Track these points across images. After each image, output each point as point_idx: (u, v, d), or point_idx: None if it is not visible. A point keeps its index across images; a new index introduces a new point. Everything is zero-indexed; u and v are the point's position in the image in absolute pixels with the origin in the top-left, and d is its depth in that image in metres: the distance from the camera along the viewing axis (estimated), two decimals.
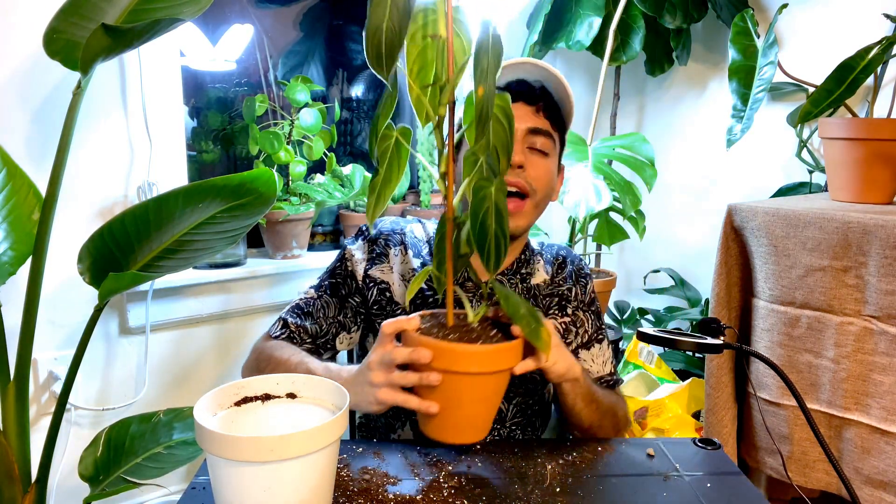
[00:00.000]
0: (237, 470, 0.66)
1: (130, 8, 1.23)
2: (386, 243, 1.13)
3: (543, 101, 1.08)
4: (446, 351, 0.77)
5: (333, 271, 1.14)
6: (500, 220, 0.76)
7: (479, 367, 0.78)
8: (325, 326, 1.10)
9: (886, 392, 1.26)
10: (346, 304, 1.11)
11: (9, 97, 1.43)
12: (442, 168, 0.78)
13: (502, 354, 0.79)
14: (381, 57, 0.69)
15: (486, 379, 0.79)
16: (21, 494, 1.21)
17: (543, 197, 1.07)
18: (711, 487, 0.85)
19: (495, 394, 0.83)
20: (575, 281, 1.17)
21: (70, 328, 1.58)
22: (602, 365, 1.16)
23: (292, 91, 1.83)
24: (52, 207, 1.19)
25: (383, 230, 1.14)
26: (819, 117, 1.46)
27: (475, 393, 0.80)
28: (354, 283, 1.12)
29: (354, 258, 1.12)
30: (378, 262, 1.11)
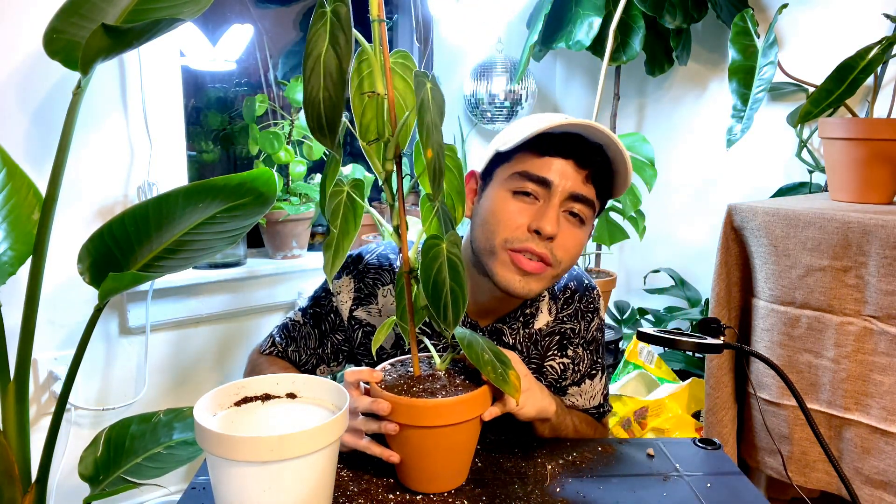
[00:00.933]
0: (237, 470, 0.66)
1: (130, 8, 1.23)
2: (374, 282, 1.03)
3: (596, 167, 0.92)
4: (408, 406, 0.77)
5: (318, 300, 1.07)
6: (454, 275, 0.75)
7: (443, 420, 0.77)
8: (304, 357, 1.08)
9: (886, 392, 1.26)
10: (327, 339, 1.06)
11: (9, 97, 1.43)
12: (395, 222, 0.78)
13: (466, 405, 0.78)
14: (323, 128, 0.68)
15: (452, 430, 0.79)
16: (21, 494, 1.21)
17: (566, 269, 0.95)
18: (711, 487, 0.85)
19: (466, 442, 0.83)
20: (580, 318, 1.08)
21: (70, 328, 1.58)
22: (589, 399, 1.10)
23: (292, 91, 1.83)
24: (52, 207, 1.19)
25: (371, 265, 1.04)
26: (819, 117, 1.46)
27: (444, 444, 0.80)
28: (338, 320, 1.05)
29: (340, 296, 1.04)
30: (365, 302, 1.03)
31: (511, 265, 0.91)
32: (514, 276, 0.91)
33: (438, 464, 0.81)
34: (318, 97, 0.67)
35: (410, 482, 0.83)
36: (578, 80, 2.55)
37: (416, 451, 0.80)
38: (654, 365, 1.91)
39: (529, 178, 0.91)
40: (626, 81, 2.36)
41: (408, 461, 0.81)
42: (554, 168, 0.90)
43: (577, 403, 1.10)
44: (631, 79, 2.36)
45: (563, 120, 0.89)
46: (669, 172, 2.28)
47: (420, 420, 0.77)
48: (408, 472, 0.82)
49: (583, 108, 2.54)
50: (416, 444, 0.79)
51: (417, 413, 0.77)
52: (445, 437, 0.79)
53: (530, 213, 0.91)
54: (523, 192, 0.91)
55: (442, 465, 0.82)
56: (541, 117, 0.93)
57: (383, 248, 1.06)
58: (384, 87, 0.73)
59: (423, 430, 0.78)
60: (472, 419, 0.80)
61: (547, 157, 0.90)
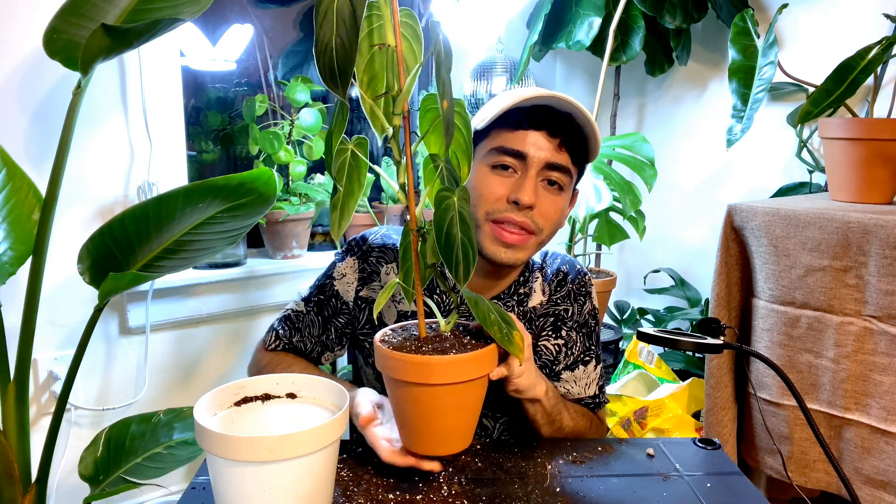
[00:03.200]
0: (237, 470, 0.66)
1: (130, 8, 1.23)
2: (377, 261, 1.07)
3: (567, 135, 0.97)
4: (420, 364, 0.76)
5: (321, 286, 1.10)
6: (465, 229, 0.75)
7: (454, 377, 0.77)
8: (310, 345, 1.09)
9: (886, 392, 1.26)
10: (330, 324, 1.08)
11: (9, 97, 1.43)
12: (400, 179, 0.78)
13: (476, 362, 0.78)
14: (335, 75, 0.67)
15: (463, 388, 0.78)
16: (21, 494, 1.21)
17: (550, 234, 1.01)
18: (711, 487, 0.85)
19: (475, 401, 0.82)
20: (573, 300, 1.11)
21: (70, 328, 1.58)
22: (585, 387, 1.10)
23: (292, 91, 1.83)
24: (52, 207, 1.19)
25: (374, 244, 1.08)
26: (819, 117, 1.46)
27: (454, 403, 0.79)
28: (341, 304, 1.08)
29: (345, 279, 1.08)
30: (369, 281, 1.07)
31: (495, 238, 0.96)
32: (499, 248, 0.97)
33: (448, 424, 0.80)
34: (331, 44, 0.66)
35: (420, 445, 0.81)
36: (578, 80, 2.55)
37: (426, 412, 0.79)
38: (654, 365, 1.91)
39: (505, 152, 0.95)
40: (626, 81, 2.36)
41: (417, 423, 0.80)
42: (528, 140, 0.95)
43: (571, 391, 1.10)
44: (631, 79, 2.36)
45: (532, 93, 0.94)
46: (669, 172, 2.28)
47: (432, 377, 0.76)
48: (416, 434, 0.81)
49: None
50: (427, 404, 0.78)
51: (430, 370, 0.76)
52: (456, 395, 0.78)
53: (509, 185, 0.96)
54: (501, 165, 0.96)
55: (451, 426, 0.81)
56: (510, 93, 0.97)
57: (385, 230, 1.11)
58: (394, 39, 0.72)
59: (435, 389, 0.77)
60: (481, 377, 0.80)
61: (520, 130, 0.95)
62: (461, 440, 0.83)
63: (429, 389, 0.77)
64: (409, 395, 0.78)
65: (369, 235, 1.09)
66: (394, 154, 0.77)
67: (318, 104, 1.90)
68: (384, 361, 0.79)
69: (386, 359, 0.78)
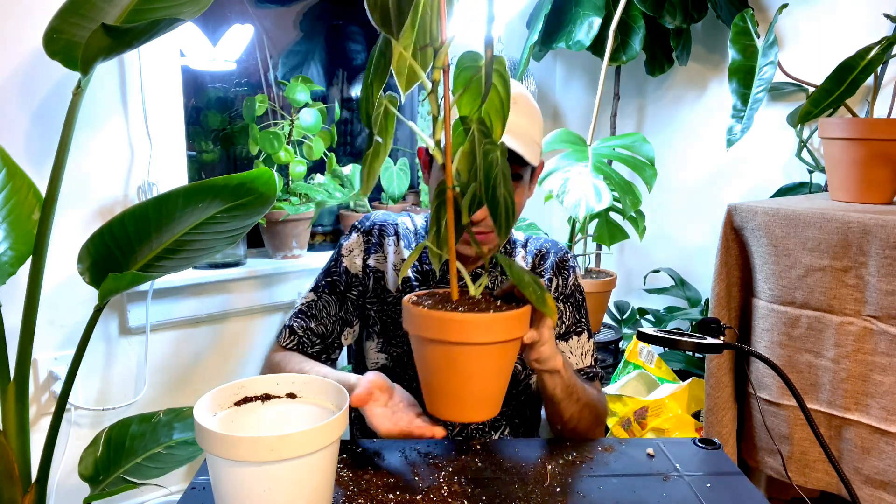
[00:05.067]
0: (237, 470, 0.66)
1: (130, 8, 1.23)
2: (381, 233, 1.16)
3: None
4: (457, 322, 0.74)
5: (329, 270, 1.16)
6: (507, 183, 0.75)
7: (490, 337, 0.75)
8: (329, 325, 1.12)
9: (886, 392, 1.26)
10: (346, 299, 1.14)
11: (9, 97, 1.43)
12: (437, 135, 0.75)
13: (512, 322, 0.77)
14: (388, 14, 0.64)
15: (497, 349, 0.77)
16: (21, 494, 1.21)
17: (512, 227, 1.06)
18: (711, 487, 0.85)
19: (507, 365, 0.81)
20: (556, 272, 1.16)
21: (70, 328, 1.58)
22: (581, 357, 1.16)
23: (292, 91, 1.83)
24: (52, 207, 1.19)
25: (377, 221, 1.17)
26: (819, 117, 1.46)
27: (487, 365, 0.78)
28: (352, 278, 1.14)
29: (352, 253, 1.14)
30: (374, 251, 1.14)
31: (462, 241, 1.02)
32: (467, 247, 1.05)
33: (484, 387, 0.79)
34: None
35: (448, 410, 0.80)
36: (578, 80, 2.55)
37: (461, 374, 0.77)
38: (654, 365, 1.91)
39: None
40: (626, 81, 2.36)
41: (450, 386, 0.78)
42: None
43: (569, 360, 1.13)
44: (631, 79, 2.36)
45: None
46: (669, 172, 2.28)
47: (470, 336, 0.74)
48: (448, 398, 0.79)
49: (583, 108, 2.54)
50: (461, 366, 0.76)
51: (468, 328, 0.74)
52: (495, 355, 0.77)
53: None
54: None
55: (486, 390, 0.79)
56: None
57: (383, 212, 1.21)
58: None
59: (471, 349, 0.75)
60: (516, 338, 0.79)
61: None
62: (493, 407, 0.81)
63: (463, 349, 0.75)
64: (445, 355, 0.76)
65: (371, 215, 1.20)
66: (431, 109, 0.75)
67: (318, 104, 1.90)
68: (419, 321, 0.76)
69: (422, 318, 0.76)
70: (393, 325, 1.13)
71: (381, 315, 1.13)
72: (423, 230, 1.16)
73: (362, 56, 2.40)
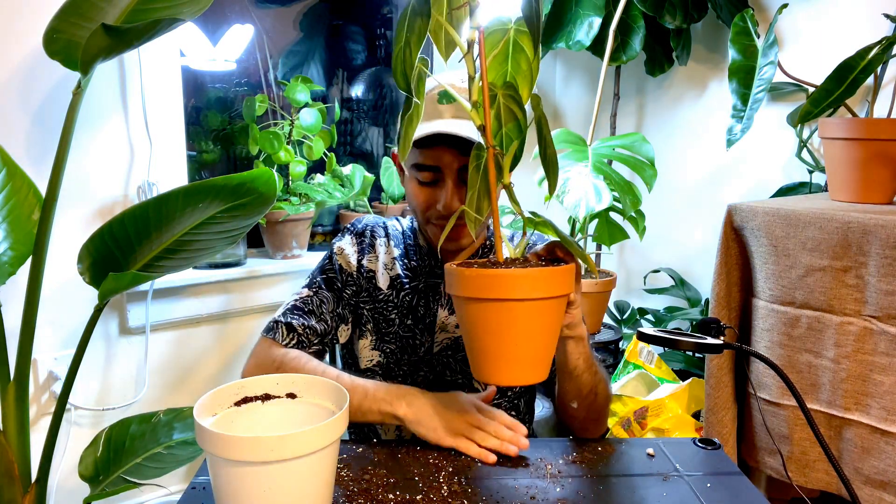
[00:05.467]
0: (237, 470, 0.66)
1: (130, 8, 1.23)
2: (373, 234, 1.18)
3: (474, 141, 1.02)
4: (507, 277, 0.74)
5: (323, 268, 1.16)
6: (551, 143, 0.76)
7: (541, 292, 0.75)
8: (328, 322, 1.12)
9: (886, 392, 1.26)
10: (342, 296, 1.14)
11: (9, 97, 1.43)
12: (474, 97, 0.75)
13: (561, 276, 0.77)
14: None
15: (547, 305, 0.76)
16: (21, 494, 1.21)
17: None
18: (711, 487, 0.85)
19: (556, 324, 0.80)
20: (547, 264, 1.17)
21: (70, 328, 1.58)
22: None
23: (292, 91, 1.83)
24: (52, 207, 1.19)
25: (368, 223, 1.20)
26: (819, 117, 1.46)
27: (537, 322, 0.77)
28: (347, 277, 1.15)
29: (345, 252, 1.16)
30: (367, 251, 1.16)
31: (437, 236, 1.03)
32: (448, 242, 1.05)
33: (530, 349, 0.78)
34: None
35: (496, 374, 0.79)
36: (578, 80, 2.55)
37: (510, 334, 0.76)
38: (654, 365, 1.91)
39: (424, 169, 1.03)
40: (626, 81, 2.35)
41: (497, 347, 0.77)
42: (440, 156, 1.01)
43: None
44: (631, 79, 2.36)
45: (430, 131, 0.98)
46: (669, 172, 2.28)
47: (520, 291, 0.74)
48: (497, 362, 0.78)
49: (583, 108, 2.54)
50: (510, 325, 0.76)
51: (518, 283, 0.74)
52: (542, 313, 0.76)
53: (434, 194, 1.05)
54: (424, 181, 1.05)
55: (533, 350, 0.78)
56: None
57: (373, 216, 1.24)
58: None
59: (521, 306, 0.74)
60: (564, 295, 0.79)
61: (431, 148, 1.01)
62: (542, 369, 0.80)
63: (513, 307, 0.74)
64: (495, 314, 0.75)
65: (362, 219, 1.22)
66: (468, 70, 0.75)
67: (318, 104, 1.90)
68: (469, 282, 0.76)
69: (472, 278, 0.75)
70: (385, 323, 1.13)
71: (373, 313, 1.14)
72: (409, 230, 1.18)
73: (362, 56, 2.39)
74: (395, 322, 1.13)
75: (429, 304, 1.13)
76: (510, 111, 0.77)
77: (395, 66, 0.74)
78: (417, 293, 1.13)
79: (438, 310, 1.13)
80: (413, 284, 1.14)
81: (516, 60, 0.76)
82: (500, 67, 0.77)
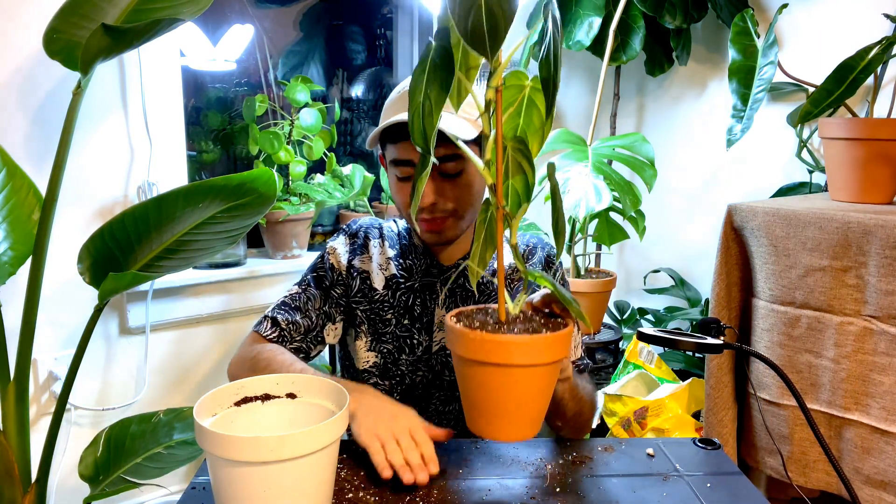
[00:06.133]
0: (237, 470, 0.66)
1: (130, 8, 1.23)
2: (366, 235, 1.18)
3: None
4: (511, 345, 0.74)
5: (315, 267, 1.17)
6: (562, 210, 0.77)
7: (537, 359, 0.75)
8: (314, 319, 1.12)
9: (886, 392, 1.26)
10: (330, 294, 1.14)
11: (9, 97, 1.43)
12: (488, 155, 0.74)
13: (561, 342, 0.77)
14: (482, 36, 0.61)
15: (547, 369, 0.77)
16: (21, 494, 1.21)
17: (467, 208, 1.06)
18: (711, 487, 0.85)
19: (551, 386, 0.81)
20: (545, 268, 1.17)
21: (70, 328, 1.58)
22: (573, 349, 1.17)
23: (292, 91, 1.83)
24: (52, 207, 1.19)
25: (363, 225, 1.20)
26: (819, 117, 1.46)
27: (535, 386, 0.77)
28: (337, 276, 1.15)
29: (337, 252, 1.16)
30: (359, 252, 1.16)
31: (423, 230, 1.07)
32: (431, 235, 1.07)
33: (528, 408, 0.78)
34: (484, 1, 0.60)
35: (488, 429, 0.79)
36: (578, 80, 2.55)
37: (509, 395, 0.76)
38: (654, 365, 1.91)
39: (399, 164, 1.04)
40: (626, 81, 2.35)
41: (491, 406, 0.77)
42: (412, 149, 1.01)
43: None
44: (631, 79, 2.36)
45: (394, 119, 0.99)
46: (669, 172, 2.28)
47: (519, 358, 0.74)
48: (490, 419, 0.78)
49: (583, 108, 2.54)
50: (509, 387, 0.76)
51: (518, 350, 0.73)
52: (540, 377, 0.77)
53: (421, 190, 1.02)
54: (402, 176, 1.05)
55: (530, 410, 0.79)
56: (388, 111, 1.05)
57: (369, 217, 1.24)
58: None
59: (521, 371, 0.75)
60: (561, 359, 0.79)
61: (401, 142, 1.02)
62: (534, 426, 0.81)
63: (512, 371, 0.75)
64: (490, 376, 0.76)
65: (358, 220, 1.22)
66: (484, 129, 0.74)
67: (318, 104, 1.90)
68: (464, 342, 0.75)
69: (467, 340, 0.75)
70: (381, 324, 1.13)
71: (368, 314, 1.14)
72: (404, 231, 1.18)
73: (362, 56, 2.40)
74: (392, 322, 1.13)
75: (426, 304, 1.13)
76: (518, 164, 0.76)
77: (414, 122, 0.72)
78: (413, 292, 1.13)
79: (436, 309, 1.13)
80: (409, 284, 1.14)
81: (529, 116, 0.76)
82: (512, 121, 0.77)
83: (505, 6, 0.62)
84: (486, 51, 0.65)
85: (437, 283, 1.13)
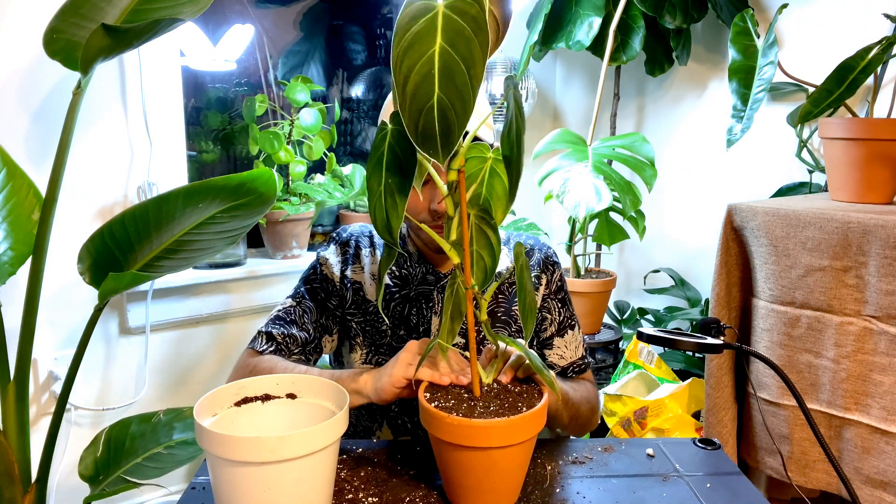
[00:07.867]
0: (237, 470, 0.66)
1: (130, 8, 1.23)
2: (357, 244, 1.17)
3: None
4: (490, 430, 0.74)
5: (308, 278, 1.15)
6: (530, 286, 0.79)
7: (521, 436, 0.76)
8: (311, 331, 1.11)
9: (886, 392, 1.26)
10: (326, 306, 1.13)
11: (9, 97, 1.43)
12: (453, 236, 0.75)
13: (538, 417, 0.78)
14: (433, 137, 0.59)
15: (525, 445, 0.78)
16: (21, 494, 1.21)
17: None
18: (711, 487, 0.85)
19: (527, 458, 0.82)
20: (543, 269, 1.17)
21: (70, 328, 1.58)
22: (574, 350, 1.18)
23: (292, 91, 1.83)
24: (52, 207, 1.19)
25: (353, 233, 1.18)
26: (819, 117, 1.46)
27: (514, 462, 0.79)
28: (331, 286, 1.13)
29: (329, 262, 1.15)
30: (351, 262, 1.15)
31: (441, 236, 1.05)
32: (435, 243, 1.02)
33: (506, 482, 0.79)
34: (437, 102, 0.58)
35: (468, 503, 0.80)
36: (578, 80, 2.55)
37: (486, 472, 0.77)
38: (654, 365, 1.91)
39: None
40: (626, 81, 2.35)
41: (470, 482, 0.78)
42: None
43: (565, 355, 1.16)
44: (631, 79, 2.36)
45: None
46: (669, 172, 2.28)
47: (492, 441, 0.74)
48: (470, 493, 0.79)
49: (583, 108, 2.54)
50: (486, 465, 0.77)
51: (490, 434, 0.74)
52: (516, 453, 0.78)
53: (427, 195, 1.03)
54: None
55: (508, 483, 0.80)
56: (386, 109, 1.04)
57: (360, 225, 1.22)
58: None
59: (495, 451, 0.76)
60: (535, 435, 0.80)
61: None
62: (514, 495, 0.82)
63: (490, 451, 0.76)
64: (466, 457, 0.76)
65: (347, 228, 1.20)
66: (448, 210, 0.75)
67: (318, 104, 1.90)
68: (454, 431, 0.75)
69: (459, 428, 0.75)
70: (377, 335, 1.12)
71: (363, 325, 1.13)
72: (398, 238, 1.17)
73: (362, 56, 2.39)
74: (388, 333, 1.11)
75: (422, 313, 1.11)
76: (482, 231, 0.76)
77: (377, 215, 0.70)
78: (409, 301, 1.11)
79: (432, 318, 1.11)
80: (403, 293, 1.12)
81: (491, 185, 0.77)
82: (476, 188, 0.77)
83: (459, 110, 0.59)
84: (437, 153, 0.62)
85: (433, 291, 1.12)
